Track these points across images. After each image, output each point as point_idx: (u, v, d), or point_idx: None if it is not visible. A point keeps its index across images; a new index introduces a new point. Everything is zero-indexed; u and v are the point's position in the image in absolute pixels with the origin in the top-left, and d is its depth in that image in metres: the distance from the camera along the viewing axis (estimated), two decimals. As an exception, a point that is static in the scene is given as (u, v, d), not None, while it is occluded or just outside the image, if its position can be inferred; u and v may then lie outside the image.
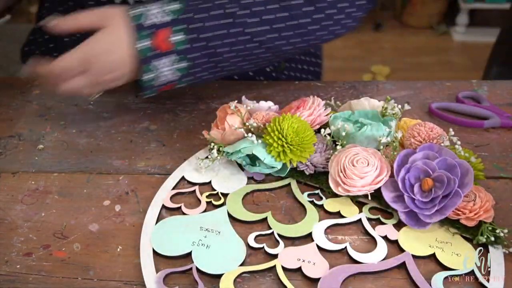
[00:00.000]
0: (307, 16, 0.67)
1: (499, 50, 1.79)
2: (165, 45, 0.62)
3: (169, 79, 0.64)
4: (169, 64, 0.63)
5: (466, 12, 2.79)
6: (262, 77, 0.87)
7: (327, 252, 0.55)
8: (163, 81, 0.64)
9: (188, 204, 0.61)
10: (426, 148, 0.59)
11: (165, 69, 0.63)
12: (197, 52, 0.63)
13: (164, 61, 0.62)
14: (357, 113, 0.65)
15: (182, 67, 0.64)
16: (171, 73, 0.64)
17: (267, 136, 0.61)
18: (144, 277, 0.52)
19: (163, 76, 0.64)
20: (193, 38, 0.63)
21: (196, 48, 0.63)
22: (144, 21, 0.61)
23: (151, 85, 0.64)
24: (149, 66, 0.62)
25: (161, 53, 0.62)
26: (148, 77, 0.63)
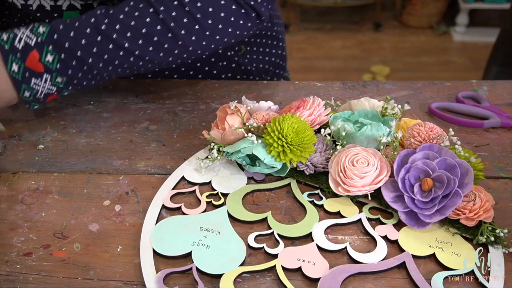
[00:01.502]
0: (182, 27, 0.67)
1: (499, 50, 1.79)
2: (38, 67, 0.64)
3: (49, 93, 0.67)
4: (45, 81, 0.65)
5: (466, 12, 2.79)
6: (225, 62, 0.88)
7: (327, 252, 0.55)
8: (43, 96, 0.67)
9: (188, 204, 0.61)
10: (426, 148, 0.59)
11: (41, 86, 0.66)
12: (70, 69, 0.66)
13: (39, 79, 0.65)
14: (357, 113, 0.65)
15: (59, 82, 0.66)
16: (49, 88, 0.66)
17: (267, 136, 0.61)
18: (144, 277, 0.52)
19: (41, 92, 0.66)
20: (63, 58, 0.65)
21: (68, 65, 0.65)
22: (14, 43, 0.64)
23: (32, 100, 0.67)
24: (25, 85, 0.65)
25: (36, 73, 0.65)
26: (26, 94, 0.66)
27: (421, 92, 0.80)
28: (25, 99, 0.66)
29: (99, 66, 0.66)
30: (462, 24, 2.82)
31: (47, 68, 0.65)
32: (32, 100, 0.67)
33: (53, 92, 0.67)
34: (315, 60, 2.74)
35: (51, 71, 0.65)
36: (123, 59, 0.67)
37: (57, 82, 0.66)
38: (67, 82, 0.67)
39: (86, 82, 0.68)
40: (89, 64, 0.66)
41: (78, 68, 0.66)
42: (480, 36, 2.75)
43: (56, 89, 0.67)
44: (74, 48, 0.64)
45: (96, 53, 0.65)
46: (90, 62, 0.66)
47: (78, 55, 0.65)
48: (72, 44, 0.64)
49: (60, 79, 0.66)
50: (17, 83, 0.65)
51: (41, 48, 0.64)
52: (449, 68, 2.61)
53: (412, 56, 2.71)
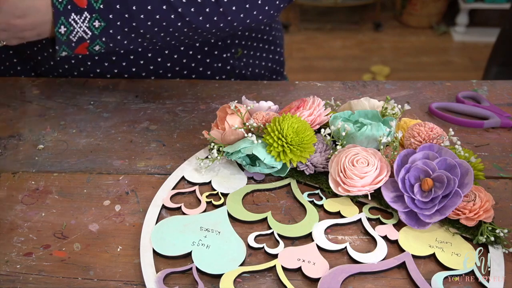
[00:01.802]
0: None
1: (499, 50, 1.79)
2: (82, 1, 0.62)
3: (82, 36, 0.64)
4: (83, 20, 0.63)
5: (466, 12, 2.79)
6: (220, 64, 0.88)
7: (327, 252, 0.55)
8: (76, 37, 0.64)
9: (188, 204, 0.61)
10: (426, 148, 0.59)
11: (78, 25, 0.63)
12: (112, 14, 0.63)
13: (78, 16, 0.62)
14: (357, 113, 0.65)
15: (95, 27, 0.64)
16: (84, 30, 0.64)
17: (267, 136, 0.61)
18: (144, 277, 0.52)
19: (76, 32, 0.63)
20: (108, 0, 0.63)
21: (111, 10, 0.63)
22: None
23: (64, 40, 0.64)
24: (63, 18, 0.62)
25: (77, 8, 0.62)
26: (61, 30, 0.63)
27: (421, 92, 0.80)
28: (58, 36, 0.63)
29: (141, 18, 0.65)
30: (462, 24, 2.82)
31: (90, 6, 0.62)
32: (64, 41, 0.64)
33: (87, 38, 0.64)
34: (315, 60, 2.74)
35: (93, 10, 0.63)
36: (171, 22, 0.66)
37: (94, 27, 0.63)
38: (103, 30, 0.64)
39: (120, 37, 0.66)
40: (132, 13, 0.64)
41: (119, 15, 0.64)
42: (480, 36, 2.75)
43: (90, 35, 0.64)
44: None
45: (145, 7, 0.64)
46: (134, 10, 0.64)
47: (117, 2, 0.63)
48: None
49: (98, 23, 0.63)
50: (56, 13, 0.62)
51: None
52: (449, 68, 2.61)
53: (412, 56, 2.72)
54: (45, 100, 0.80)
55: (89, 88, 0.82)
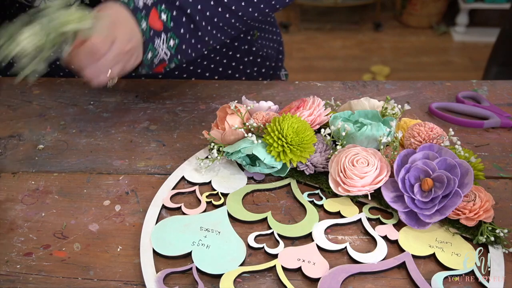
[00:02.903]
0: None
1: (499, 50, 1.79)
2: (158, 24, 0.65)
3: (163, 57, 0.67)
4: (163, 42, 0.66)
5: (466, 12, 2.79)
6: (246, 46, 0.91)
7: (327, 252, 0.55)
8: (158, 59, 0.67)
9: (188, 204, 0.61)
10: (426, 148, 0.59)
11: (161, 47, 0.66)
12: (182, 28, 0.67)
13: (159, 40, 0.65)
14: (357, 113, 0.65)
15: (171, 47, 0.67)
16: (165, 52, 0.67)
17: (267, 136, 0.61)
18: (144, 277, 0.52)
19: (159, 55, 0.66)
20: (174, 15, 0.66)
21: (181, 25, 0.66)
22: (136, 3, 0.63)
23: (148, 64, 0.67)
24: (151, 45, 0.64)
25: (157, 32, 0.65)
26: (149, 56, 0.65)
27: (421, 92, 0.80)
28: (144, 62, 0.66)
29: (203, 25, 0.68)
30: (462, 24, 2.82)
31: (165, 26, 0.65)
32: (148, 64, 0.67)
33: (167, 58, 0.67)
34: (315, 60, 2.74)
35: (168, 29, 0.65)
36: (226, 20, 0.70)
37: (170, 47, 0.66)
38: (178, 47, 0.67)
39: (190, 50, 0.69)
40: (196, 23, 0.67)
41: (187, 28, 0.67)
42: (480, 36, 2.75)
43: (169, 55, 0.67)
44: (184, 5, 0.65)
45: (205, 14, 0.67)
46: (197, 20, 0.67)
47: (188, 12, 0.65)
48: (182, 1, 0.65)
49: (172, 41, 0.66)
50: (145, 42, 0.64)
51: (156, 7, 0.64)
52: (449, 68, 2.61)
53: (412, 56, 2.71)
54: (45, 100, 0.79)
55: (89, 88, 0.82)
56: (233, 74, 0.92)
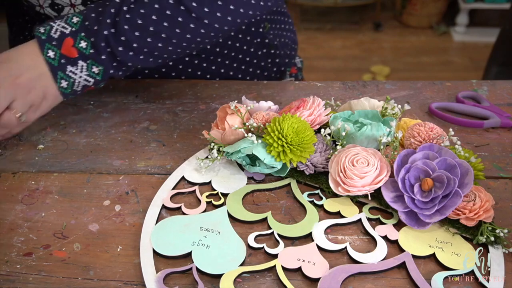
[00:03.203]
0: None
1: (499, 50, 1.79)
2: (72, 52, 0.64)
3: (86, 85, 0.67)
4: (81, 70, 0.65)
5: (466, 12, 2.79)
6: (259, 39, 0.89)
7: (327, 252, 0.55)
8: (80, 86, 0.67)
9: (188, 204, 0.61)
10: (426, 148, 0.59)
11: (78, 75, 0.65)
12: (104, 55, 0.65)
13: (75, 67, 0.65)
14: (357, 113, 0.65)
15: (95, 73, 0.66)
16: (85, 78, 0.66)
17: (267, 136, 0.61)
18: (144, 277, 0.52)
19: (78, 82, 0.66)
20: (93, 41, 0.64)
21: (101, 51, 0.65)
22: (52, 34, 0.64)
23: (69, 92, 0.66)
24: (61, 73, 0.65)
25: (71, 59, 0.64)
26: (63, 85, 0.65)
27: (421, 92, 0.80)
28: (62, 91, 0.66)
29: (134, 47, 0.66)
30: (462, 24, 2.82)
31: (82, 54, 0.65)
32: (69, 93, 0.66)
33: (91, 84, 0.67)
34: (315, 60, 2.74)
35: (86, 57, 0.65)
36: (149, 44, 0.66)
37: (94, 73, 0.66)
38: (104, 73, 0.66)
39: (126, 69, 0.68)
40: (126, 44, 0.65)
41: (111, 54, 0.65)
42: (480, 36, 2.75)
43: (93, 81, 0.67)
44: (101, 30, 0.64)
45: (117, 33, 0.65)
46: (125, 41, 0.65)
47: (105, 33, 0.64)
48: (99, 26, 0.64)
49: (96, 68, 0.65)
50: (53, 70, 0.64)
51: (74, 36, 0.64)
52: (449, 68, 2.61)
53: (412, 56, 2.72)
54: (45, 100, 0.79)
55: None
56: (248, 69, 0.91)
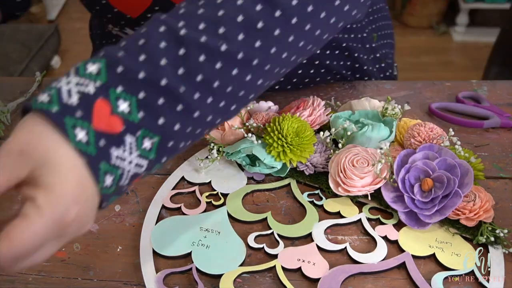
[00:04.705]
0: None
1: (499, 50, 1.79)
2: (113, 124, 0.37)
3: (136, 173, 0.39)
4: (130, 150, 0.38)
5: (466, 12, 2.78)
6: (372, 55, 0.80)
7: (327, 252, 0.55)
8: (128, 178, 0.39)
9: (188, 204, 0.61)
10: (426, 148, 0.59)
11: (127, 160, 0.38)
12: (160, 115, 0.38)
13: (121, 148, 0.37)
14: (358, 113, 0.65)
15: (147, 150, 0.39)
16: (137, 163, 0.39)
17: (267, 136, 0.61)
18: (144, 277, 0.52)
19: (127, 173, 0.38)
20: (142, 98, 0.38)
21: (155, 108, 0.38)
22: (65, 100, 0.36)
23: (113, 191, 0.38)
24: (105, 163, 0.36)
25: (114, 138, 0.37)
26: (108, 183, 0.37)
27: (421, 92, 0.80)
28: (105, 193, 0.37)
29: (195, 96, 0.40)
30: (462, 24, 2.81)
31: (128, 123, 0.37)
32: (113, 192, 0.38)
33: (142, 170, 0.40)
34: (315, 60, 2.74)
35: (134, 126, 0.37)
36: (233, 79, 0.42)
37: (145, 150, 0.38)
38: (160, 145, 0.39)
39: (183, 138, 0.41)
40: (182, 97, 0.39)
41: (170, 110, 0.39)
42: (480, 36, 2.75)
43: (146, 164, 0.39)
44: (154, 78, 0.38)
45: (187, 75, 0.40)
46: (182, 93, 0.39)
47: (162, 85, 0.38)
48: (149, 71, 0.38)
49: (148, 142, 0.38)
50: (92, 161, 0.36)
51: (106, 94, 0.37)
52: (449, 68, 2.60)
53: (412, 56, 2.71)
54: (45, 100, 0.79)
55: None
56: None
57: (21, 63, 2.09)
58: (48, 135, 0.35)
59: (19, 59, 2.11)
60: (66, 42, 2.53)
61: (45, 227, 0.34)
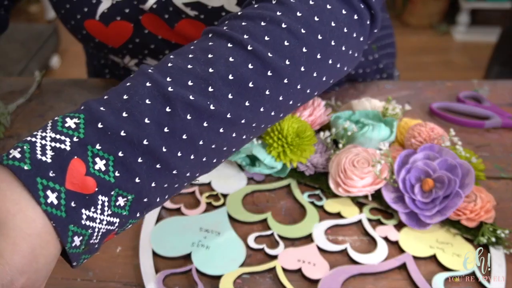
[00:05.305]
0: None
1: (500, 50, 1.79)
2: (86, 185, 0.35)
3: (108, 230, 0.38)
4: (102, 210, 0.36)
5: (467, 12, 2.78)
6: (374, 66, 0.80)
7: (327, 253, 0.55)
8: (99, 236, 0.37)
9: (188, 205, 0.61)
10: (427, 148, 0.58)
11: (97, 220, 0.36)
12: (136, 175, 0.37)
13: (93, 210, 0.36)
14: (358, 113, 0.65)
15: (121, 207, 0.37)
16: (109, 221, 0.37)
17: (267, 136, 0.61)
18: (143, 278, 0.52)
19: (98, 232, 0.37)
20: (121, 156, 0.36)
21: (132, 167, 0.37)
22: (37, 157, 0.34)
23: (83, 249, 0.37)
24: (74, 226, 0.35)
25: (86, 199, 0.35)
26: (76, 242, 0.35)
27: (421, 92, 0.80)
28: (72, 252, 0.36)
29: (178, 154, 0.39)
30: (463, 23, 2.81)
31: (102, 184, 0.36)
32: (83, 251, 0.37)
33: (114, 227, 0.38)
34: (316, 59, 2.74)
35: (109, 186, 0.36)
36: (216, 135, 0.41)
37: (118, 208, 0.37)
38: (134, 202, 0.38)
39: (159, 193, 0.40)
40: (163, 156, 0.38)
41: (148, 169, 0.38)
42: (481, 36, 2.74)
43: (118, 222, 0.38)
44: (136, 137, 0.37)
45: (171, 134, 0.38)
46: (163, 153, 0.38)
47: (144, 144, 0.37)
48: (130, 130, 0.37)
49: (122, 200, 0.37)
50: (61, 225, 0.34)
51: (83, 151, 0.36)
52: (450, 68, 2.60)
53: (413, 55, 2.71)
54: (45, 100, 0.79)
55: (89, 88, 0.82)
56: None
57: (20, 63, 2.09)
58: (12, 195, 0.33)
59: (18, 59, 2.11)
60: (65, 42, 2.53)
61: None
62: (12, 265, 0.32)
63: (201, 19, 0.62)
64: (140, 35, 0.67)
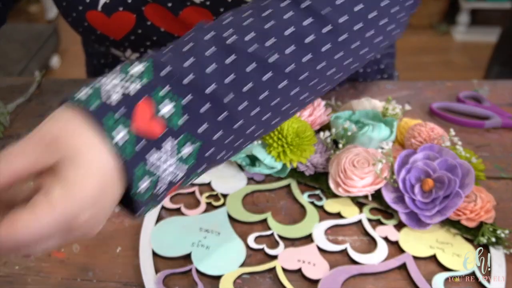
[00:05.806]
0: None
1: (500, 50, 1.79)
2: (154, 128, 0.35)
3: (173, 180, 0.38)
4: (171, 154, 0.36)
5: (467, 12, 2.78)
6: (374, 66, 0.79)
7: (327, 253, 0.55)
8: (164, 186, 0.37)
9: (188, 205, 0.61)
10: (427, 148, 0.58)
11: (165, 165, 0.36)
12: (203, 120, 0.37)
13: (160, 152, 0.36)
14: (358, 113, 0.65)
15: (187, 156, 0.37)
16: (174, 171, 0.37)
17: (267, 136, 0.61)
18: (143, 278, 0.52)
19: (164, 179, 0.37)
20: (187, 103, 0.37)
21: (198, 114, 0.37)
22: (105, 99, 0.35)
23: (147, 198, 0.37)
24: (143, 166, 0.35)
25: (154, 141, 0.35)
26: (143, 187, 0.36)
27: (421, 92, 0.80)
28: (139, 199, 0.36)
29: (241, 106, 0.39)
30: (463, 23, 2.81)
31: (170, 127, 0.36)
32: (148, 199, 0.37)
33: (181, 176, 0.38)
34: (316, 59, 2.73)
35: (177, 130, 0.36)
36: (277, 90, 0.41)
37: (184, 156, 0.37)
38: (200, 151, 0.38)
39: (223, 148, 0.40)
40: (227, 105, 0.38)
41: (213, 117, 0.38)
42: (481, 36, 2.75)
43: (186, 171, 0.38)
44: (201, 83, 0.37)
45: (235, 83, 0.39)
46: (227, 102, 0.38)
47: (209, 91, 0.37)
48: (196, 76, 0.37)
49: (188, 147, 0.37)
50: (128, 166, 0.34)
51: (151, 93, 0.36)
52: (450, 68, 2.60)
53: (413, 55, 2.71)
54: (45, 100, 0.79)
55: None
56: None
57: (20, 63, 2.09)
58: (83, 132, 0.34)
59: (18, 59, 2.11)
60: (65, 42, 2.53)
61: (53, 224, 0.32)
62: (82, 197, 0.33)
63: (207, 6, 0.61)
64: (143, 26, 0.66)
